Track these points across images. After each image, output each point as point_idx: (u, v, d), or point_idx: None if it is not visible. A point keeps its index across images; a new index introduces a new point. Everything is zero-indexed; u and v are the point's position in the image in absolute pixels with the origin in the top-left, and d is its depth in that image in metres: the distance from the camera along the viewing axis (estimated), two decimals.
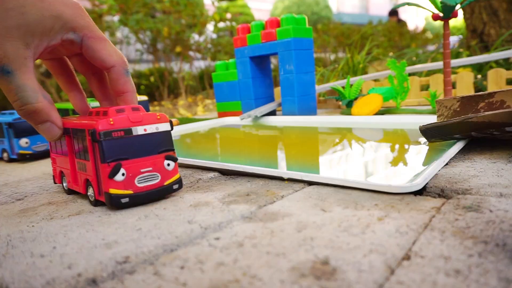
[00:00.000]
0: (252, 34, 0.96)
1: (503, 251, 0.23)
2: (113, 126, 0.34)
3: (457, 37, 2.47)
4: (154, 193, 0.36)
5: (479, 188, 0.34)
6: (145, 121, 0.35)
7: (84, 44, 0.36)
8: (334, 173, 0.46)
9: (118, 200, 0.34)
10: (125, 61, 0.39)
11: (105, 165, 0.33)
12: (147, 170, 0.35)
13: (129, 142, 0.34)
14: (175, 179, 0.38)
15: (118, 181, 0.34)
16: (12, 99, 0.33)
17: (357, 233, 0.27)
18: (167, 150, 0.37)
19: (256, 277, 0.22)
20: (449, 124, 0.48)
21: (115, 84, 0.38)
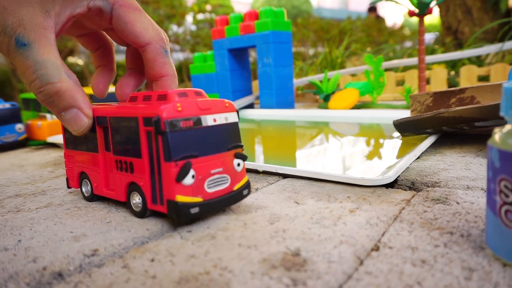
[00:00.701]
0: (230, 26, 0.95)
1: (467, 241, 0.23)
2: (181, 113, 0.26)
3: (433, 34, 2.52)
4: (225, 200, 0.28)
5: (448, 181, 0.35)
6: (214, 109, 0.28)
7: (115, 14, 0.30)
8: (310, 166, 0.46)
9: (187, 211, 0.26)
10: (163, 37, 0.32)
11: (172, 164, 0.26)
12: (217, 171, 0.28)
13: (199, 135, 0.27)
14: (244, 182, 0.30)
15: (187, 185, 0.26)
16: (29, 78, 0.27)
17: (328, 225, 0.27)
18: (237, 146, 0.30)
19: (226, 269, 0.22)
20: (421, 119, 0.49)
21: (151, 65, 0.32)
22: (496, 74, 0.93)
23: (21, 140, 0.69)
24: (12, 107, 0.68)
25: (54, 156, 0.59)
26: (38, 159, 0.58)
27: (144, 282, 0.21)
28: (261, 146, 0.63)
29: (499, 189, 0.20)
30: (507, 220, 0.20)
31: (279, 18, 0.91)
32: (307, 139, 0.66)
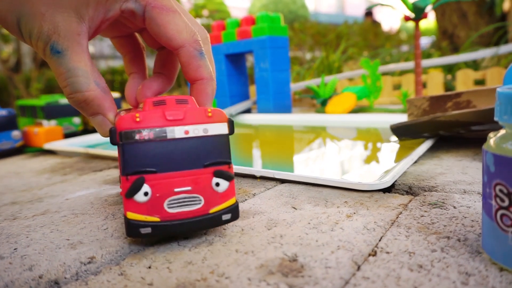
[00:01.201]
0: (227, 31, 0.96)
1: (464, 246, 0.23)
2: (138, 124, 0.24)
3: (430, 38, 2.53)
4: (192, 223, 0.25)
5: (445, 185, 0.35)
6: (189, 119, 0.25)
7: (147, 16, 0.29)
8: (307, 171, 0.46)
9: (136, 230, 0.24)
10: (198, 39, 0.30)
11: (124, 178, 0.24)
12: (183, 190, 0.25)
13: (162, 149, 0.25)
14: (227, 205, 0.27)
15: (139, 203, 0.24)
16: (62, 84, 0.28)
17: (326, 230, 0.27)
18: (219, 163, 0.26)
19: (224, 275, 0.22)
20: (418, 123, 0.50)
21: (186, 69, 0.30)
22: (492, 78, 0.93)
23: (18, 147, 0.68)
24: (8, 114, 0.67)
25: (51, 163, 0.59)
26: (35, 166, 0.57)
27: None
28: (259, 151, 0.63)
29: (494, 193, 0.20)
30: (503, 224, 0.20)
31: (276, 23, 0.92)
32: (304, 143, 0.67)
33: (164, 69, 0.35)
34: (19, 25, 0.27)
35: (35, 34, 0.27)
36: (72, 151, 0.62)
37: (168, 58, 0.35)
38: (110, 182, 0.44)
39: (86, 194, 0.39)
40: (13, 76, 2.10)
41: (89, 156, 0.61)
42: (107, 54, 2.84)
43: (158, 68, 0.35)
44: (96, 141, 0.71)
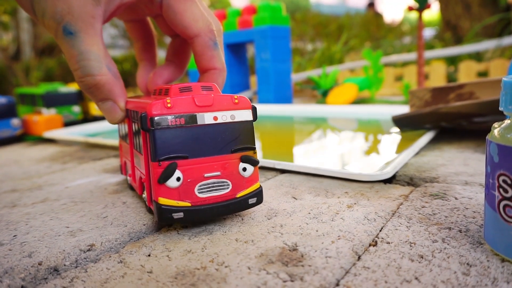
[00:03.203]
0: (228, 21, 0.95)
1: (465, 237, 0.23)
2: (170, 110, 0.24)
3: (433, 30, 2.51)
4: (221, 208, 0.26)
5: (446, 176, 0.34)
6: (217, 106, 0.26)
7: (165, 3, 0.29)
8: (308, 162, 0.46)
9: (168, 215, 0.25)
10: (213, 29, 0.30)
11: (156, 164, 0.24)
12: (213, 175, 0.26)
13: (192, 135, 0.25)
14: (252, 189, 0.27)
15: (172, 188, 0.25)
16: (73, 67, 0.27)
17: (326, 220, 0.27)
18: (245, 148, 0.27)
19: (223, 264, 0.22)
20: (420, 114, 0.49)
21: (199, 58, 0.31)
22: (495, 70, 0.92)
23: (17, 135, 0.68)
24: (7, 102, 0.67)
25: (50, 151, 0.59)
26: (35, 154, 0.57)
27: (140, 277, 0.21)
28: (259, 141, 0.63)
29: (498, 184, 0.20)
30: (506, 215, 0.20)
31: (277, 12, 0.91)
32: (305, 134, 0.66)
33: (176, 57, 0.35)
34: (32, 3, 0.27)
35: (48, 13, 0.26)
36: (71, 140, 0.62)
37: (181, 47, 0.35)
38: (110, 171, 0.44)
39: (86, 183, 0.39)
40: (12, 64, 2.09)
41: (88, 145, 0.61)
42: (107, 43, 2.83)
43: (170, 56, 0.35)
44: (96, 130, 0.71)
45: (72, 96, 0.76)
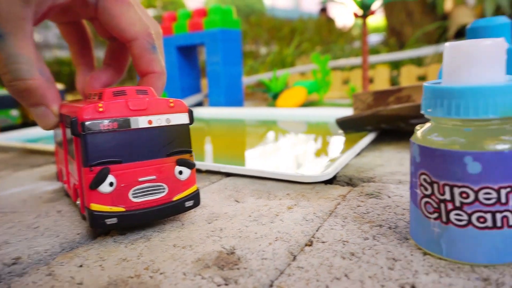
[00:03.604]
0: (178, 23, 0.94)
1: (394, 233, 0.24)
2: (102, 114, 0.24)
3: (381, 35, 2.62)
4: (157, 211, 0.26)
5: (382, 176, 0.36)
6: (152, 110, 0.25)
7: (100, 6, 0.28)
8: (255, 165, 0.46)
9: (101, 221, 0.24)
10: (151, 33, 0.30)
11: (87, 169, 0.24)
12: (148, 179, 0.25)
13: (126, 139, 0.25)
14: (189, 192, 0.27)
15: (104, 193, 0.24)
16: (1, 70, 0.26)
17: (265, 222, 0.27)
18: (181, 151, 0.27)
19: (158, 271, 0.21)
20: (362, 117, 0.51)
21: (138, 62, 0.30)
22: (433, 74, 0.98)
23: None
24: None
25: None
26: None
27: None
28: (208, 144, 0.63)
29: (419, 182, 0.21)
30: (426, 212, 0.21)
31: (228, 16, 0.91)
32: (255, 137, 0.67)
33: (114, 60, 0.34)
34: None
35: None
36: (7, 145, 0.58)
37: (119, 50, 0.34)
38: (48, 178, 0.42)
39: (19, 191, 0.37)
40: None
41: (27, 151, 0.57)
42: (53, 43, 2.69)
43: (108, 59, 0.34)
44: (37, 135, 0.68)
45: (9, 99, 0.72)
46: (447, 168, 0.19)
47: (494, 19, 0.37)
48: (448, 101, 0.19)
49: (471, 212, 0.19)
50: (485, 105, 0.18)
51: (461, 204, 0.19)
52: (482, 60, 0.19)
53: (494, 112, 0.18)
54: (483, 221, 0.19)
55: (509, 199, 0.19)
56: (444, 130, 0.20)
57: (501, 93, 0.18)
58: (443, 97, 0.19)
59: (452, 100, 0.19)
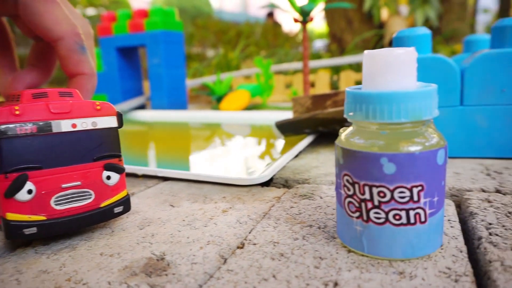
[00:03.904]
0: (118, 23, 0.91)
1: (322, 233, 0.25)
2: (19, 117, 0.22)
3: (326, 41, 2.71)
4: (83, 219, 0.25)
5: (316, 177, 0.37)
6: (76, 113, 0.24)
7: (21, 2, 0.27)
8: (197, 168, 0.46)
9: (18, 231, 0.23)
10: (79, 32, 0.28)
11: (2, 176, 0.22)
12: (72, 185, 0.24)
13: (47, 144, 0.23)
14: (118, 198, 0.27)
15: (22, 202, 0.23)
16: None
17: (199, 226, 0.27)
18: (109, 156, 0.26)
19: (81, 281, 0.20)
20: (299, 120, 0.53)
21: (65, 63, 0.29)
22: None
23: None
24: None
25: None
26: None
27: None
28: (149, 148, 0.61)
29: (343, 183, 0.22)
30: (349, 211, 0.22)
31: (170, 17, 0.90)
32: (198, 140, 0.66)
33: (40, 61, 0.32)
34: None
35: None
36: None
37: (45, 50, 0.32)
38: None
39: None
40: None
41: None
42: None
43: (33, 60, 0.32)
44: None
45: None
46: (366, 169, 0.20)
47: (416, 30, 0.39)
48: (366, 105, 0.20)
49: (388, 210, 0.20)
50: (398, 109, 0.19)
51: (379, 203, 0.21)
52: (396, 68, 0.20)
53: (406, 116, 0.19)
54: (398, 218, 0.20)
55: (421, 197, 0.20)
56: (365, 133, 0.21)
57: (411, 98, 0.19)
58: (362, 101, 0.20)
59: (369, 105, 0.20)
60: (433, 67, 0.39)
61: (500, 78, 0.38)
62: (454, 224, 0.25)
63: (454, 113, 0.40)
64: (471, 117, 0.39)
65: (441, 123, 0.40)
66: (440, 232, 0.22)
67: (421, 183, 0.20)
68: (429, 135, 0.21)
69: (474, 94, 0.39)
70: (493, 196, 0.29)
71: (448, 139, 0.40)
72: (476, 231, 0.24)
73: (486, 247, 0.22)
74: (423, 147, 0.20)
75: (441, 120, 0.40)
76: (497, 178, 0.34)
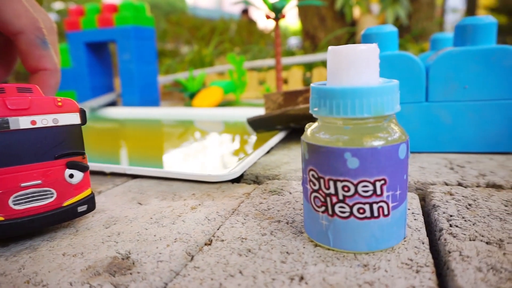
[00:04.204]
0: (86, 17, 0.88)
1: (290, 228, 0.25)
2: None
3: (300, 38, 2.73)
4: (44, 219, 0.24)
5: (286, 173, 0.37)
6: (35, 109, 0.24)
7: None
8: (169, 165, 0.45)
9: None
10: (40, 27, 0.28)
11: None
12: (32, 184, 0.24)
13: (4, 141, 0.23)
14: (82, 197, 0.26)
15: None
16: None
17: (166, 224, 0.27)
18: (72, 154, 0.25)
19: (41, 283, 0.20)
20: (271, 116, 0.53)
21: (26, 58, 0.28)
22: None
23: None
24: None
25: None
26: None
27: None
28: (118, 146, 0.60)
29: (309, 178, 0.22)
30: (315, 205, 0.22)
31: (141, 12, 0.88)
32: (171, 138, 0.65)
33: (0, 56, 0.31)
34: None
35: None
36: None
37: (5, 45, 0.31)
38: None
39: None
40: None
41: None
42: None
43: None
44: None
45: None
46: (330, 164, 0.21)
47: (383, 27, 0.40)
48: (330, 101, 0.20)
49: (352, 204, 0.21)
50: (361, 105, 0.20)
51: (343, 197, 0.21)
52: (359, 63, 0.20)
53: (368, 112, 0.20)
54: (362, 212, 0.21)
55: (383, 191, 0.21)
56: (330, 128, 0.22)
57: (374, 94, 0.20)
58: (326, 97, 0.21)
59: (333, 100, 0.20)
60: (399, 64, 0.40)
61: (462, 75, 0.39)
62: (417, 217, 0.26)
63: (419, 109, 0.41)
64: (435, 113, 0.40)
65: (407, 119, 0.41)
66: (403, 225, 0.22)
67: (383, 177, 0.20)
68: (391, 130, 0.21)
69: (438, 91, 0.40)
70: (455, 189, 0.30)
71: (414, 135, 0.41)
72: (438, 223, 0.25)
73: (446, 238, 0.22)
74: (386, 141, 0.20)
75: (407, 116, 0.41)
76: (459, 171, 0.35)
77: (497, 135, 0.39)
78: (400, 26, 1.61)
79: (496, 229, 0.23)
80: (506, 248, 0.21)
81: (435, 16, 1.96)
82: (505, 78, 0.38)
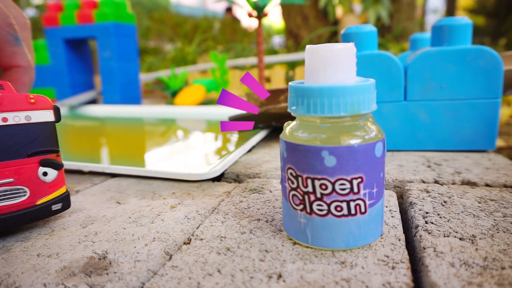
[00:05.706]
0: (65, 13, 0.87)
1: (270, 226, 0.25)
2: None
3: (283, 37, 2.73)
4: (16, 217, 0.24)
5: (267, 172, 0.38)
6: (7, 106, 0.23)
7: None
8: (150, 164, 0.45)
9: None
10: (12, 23, 0.27)
11: None
12: (4, 182, 0.23)
13: None
14: (56, 195, 0.26)
15: None
16: None
17: (145, 223, 0.26)
18: (45, 151, 0.25)
19: (14, 285, 0.19)
20: (253, 115, 0.53)
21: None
22: None
23: None
24: None
25: None
26: None
27: None
28: (98, 145, 0.59)
29: (287, 176, 0.22)
30: (294, 204, 0.22)
31: (121, 9, 0.87)
32: (152, 136, 0.65)
33: None
34: None
35: None
36: None
37: None
38: None
39: None
40: None
41: None
42: None
43: None
44: None
45: None
46: (308, 162, 0.21)
47: (363, 27, 0.41)
48: (308, 99, 0.21)
49: (330, 202, 0.21)
50: (337, 103, 0.20)
51: (321, 195, 0.21)
52: (335, 62, 0.20)
53: (345, 110, 0.20)
54: (340, 209, 0.21)
55: (360, 189, 0.21)
56: (308, 127, 0.22)
57: (350, 92, 0.20)
58: (304, 96, 0.21)
59: (310, 99, 0.20)
60: (379, 64, 0.40)
61: (439, 75, 0.40)
62: (395, 214, 0.27)
63: (398, 108, 0.41)
64: (414, 112, 0.41)
65: (386, 117, 0.42)
66: (380, 222, 0.23)
67: (360, 175, 0.21)
68: (368, 129, 0.21)
69: (416, 90, 0.41)
70: (431, 187, 0.31)
71: (393, 133, 0.42)
72: (414, 220, 0.25)
73: (421, 235, 0.23)
74: (363, 140, 0.21)
75: (386, 115, 0.42)
76: (436, 169, 0.35)
77: (472, 134, 0.40)
78: (381, 26, 1.63)
79: (469, 225, 0.24)
80: (478, 243, 0.22)
81: (416, 16, 1.99)
82: (480, 78, 0.39)
